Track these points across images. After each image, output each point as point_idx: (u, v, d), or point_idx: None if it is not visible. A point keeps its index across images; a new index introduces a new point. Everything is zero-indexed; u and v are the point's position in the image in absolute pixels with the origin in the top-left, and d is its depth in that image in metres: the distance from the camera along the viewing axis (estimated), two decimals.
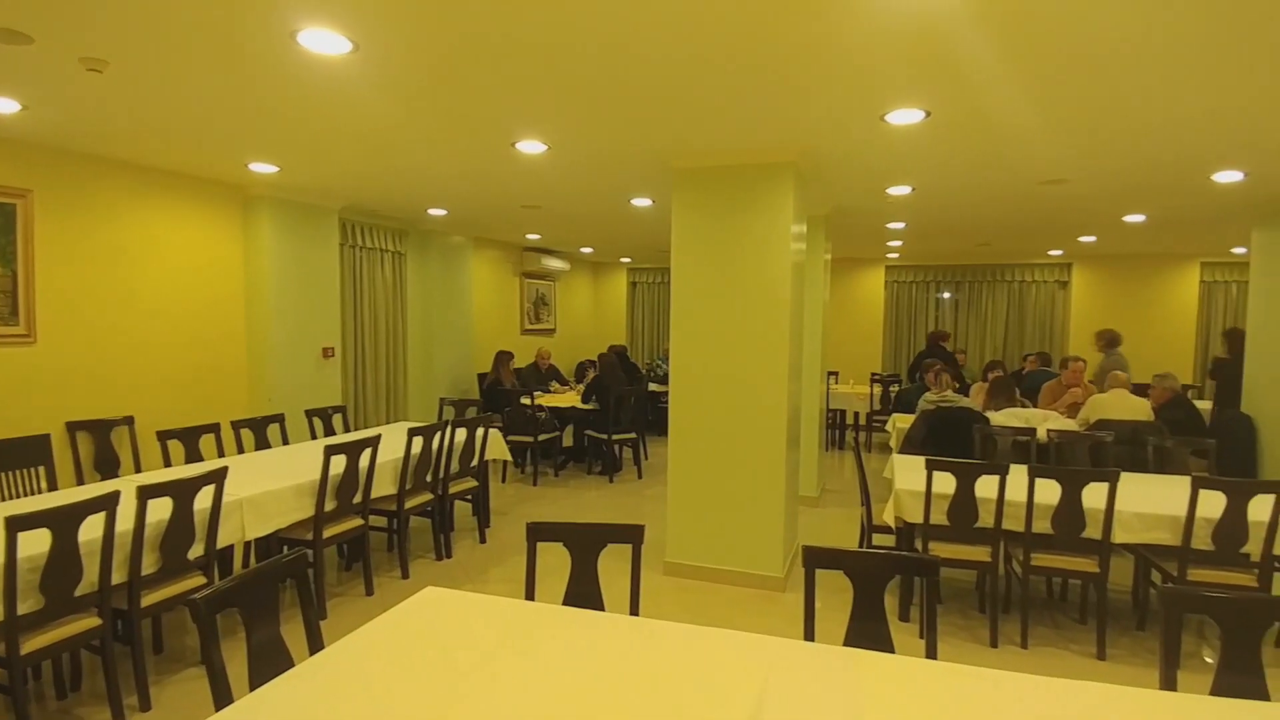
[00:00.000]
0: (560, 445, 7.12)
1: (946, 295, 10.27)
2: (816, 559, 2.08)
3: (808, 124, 3.45)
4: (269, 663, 1.72)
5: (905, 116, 3.28)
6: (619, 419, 6.63)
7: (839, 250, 9.04)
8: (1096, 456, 4.45)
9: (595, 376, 6.96)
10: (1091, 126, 3.39)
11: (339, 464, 3.62)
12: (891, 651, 1.89)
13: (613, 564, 2.49)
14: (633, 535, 2.25)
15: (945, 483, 3.41)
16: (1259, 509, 3.07)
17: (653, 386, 8.52)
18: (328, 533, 3.62)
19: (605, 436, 6.60)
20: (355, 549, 4.27)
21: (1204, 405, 6.31)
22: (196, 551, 2.96)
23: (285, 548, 3.62)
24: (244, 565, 4.03)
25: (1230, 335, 6.20)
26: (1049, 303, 9.77)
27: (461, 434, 4.61)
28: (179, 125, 3.60)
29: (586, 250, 9.96)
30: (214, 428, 4.22)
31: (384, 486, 4.04)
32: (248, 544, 3.95)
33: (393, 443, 4.37)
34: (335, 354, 5.82)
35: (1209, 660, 3.32)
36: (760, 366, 4.07)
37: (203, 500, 2.94)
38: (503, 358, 7.37)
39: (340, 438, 4.77)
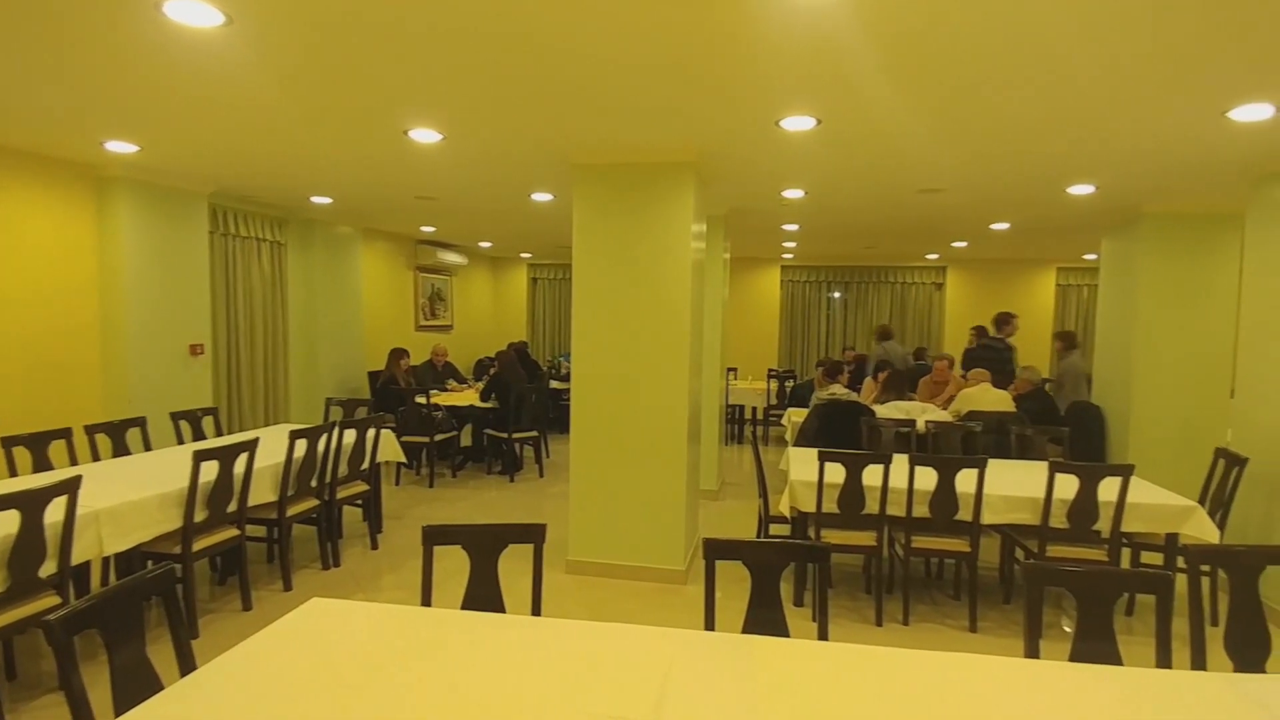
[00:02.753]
0: (458, 445, 6.92)
1: (837, 295, 10.79)
2: (716, 551, 2.12)
3: (707, 126, 3.51)
4: (135, 686, 1.58)
5: (798, 123, 3.41)
6: (520, 417, 6.52)
7: (737, 250, 9.30)
8: (967, 445, 4.80)
9: (495, 374, 6.81)
10: (965, 141, 3.64)
11: (210, 470, 3.35)
12: (787, 636, 1.95)
13: (514, 565, 2.44)
14: (534, 535, 2.21)
15: (836, 473, 3.57)
16: (1108, 490, 3.41)
17: (554, 384, 8.44)
18: (198, 545, 3.35)
19: (505, 435, 6.47)
20: (230, 561, 3.97)
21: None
22: (49, 569, 2.67)
23: (149, 562, 3.31)
24: (103, 583, 3.66)
25: (1063, 336, 6.78)
26: (927, 303, 10.47)
27: (350, 435, 4.38)
28: (18, 97, 3.21)
29: (485, 244, 9.73)
30: (65, 433, 3.80)
31: (263, 493, 3.77)
32: (107, 560, 3.60)
33: (273, 446, 4.09)
34: (205, 351, 5.38)
35: (1067, 629, 3.65)
36: (661, 363, 4.11)
37: (54, 513, 2.65)
38: (397, 355, 7.07)
39: (212, 442, 4.41)
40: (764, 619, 2.07)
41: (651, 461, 4.16)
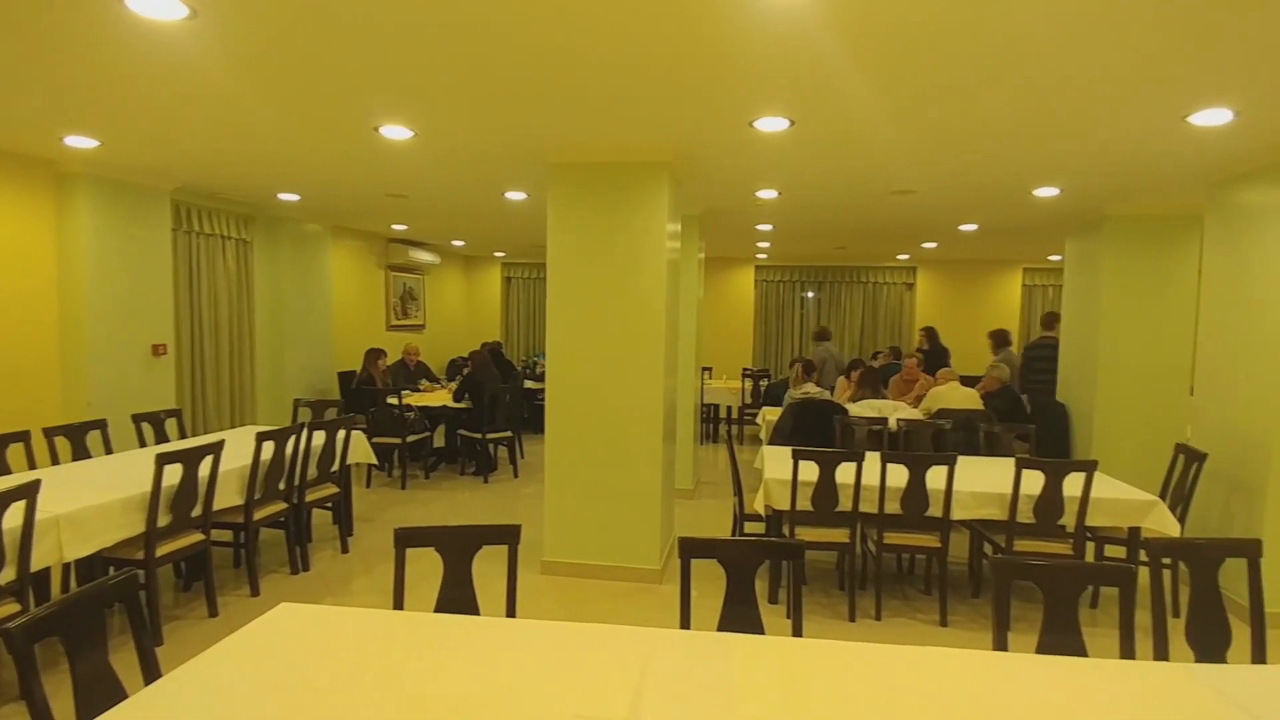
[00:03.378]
0: (431, 446, 6.85)
1: (810, 294, 10.89)
2: (691, 549, 2.13)
3: (682, 126, 3.51)
4: (98, 695, 1.54)
5: (772, 124, 3.43)
6: (494, 417, 6.47)
7: (712, 249, 9.33)
8: (937, 442, 4.88)
9: (468, 374, 6.75)
10: (934, 143, 3.69)
11: (174, 474, 3.26)
12: (762, 633, 1.96)
13: (488, 567, 2.41)
14: (508, 536, 2.19)
15: (810, 471, 3.60)
16: (1072, 485, 3.49)
17: (529, 384, 8.39)
18: (162, 550, 3.26)
19: (479, 436, 6.42)
20: (195, 567, 3.88)
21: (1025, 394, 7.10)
22: (8, 576, 2.58)
23: (111, 568, 3.22)
24: (64, 589, 3.55)
25: (996, 334, 7.28)
26: (898, 302, 10.62)
27: (320, 437, 4.31)
28: None
29: (458, 243, 9.64)
30: (23, 435, 3.68)
31: (229, 497, 3.69)
32: (67, 566, 3.49)
33: (239, 449, 4.00)
34: (168, 351, 5.26)
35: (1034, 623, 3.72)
36: (637, 363, 4.11)
37: (12, 518, 2.56)
38: (374, 355, 6.97)
39: (175, 444, 4.31)
40: (739, 616, 2.08)
41: (627, 461, 4.15)
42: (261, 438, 3.82)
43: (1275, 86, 2.73)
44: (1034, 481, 3.50)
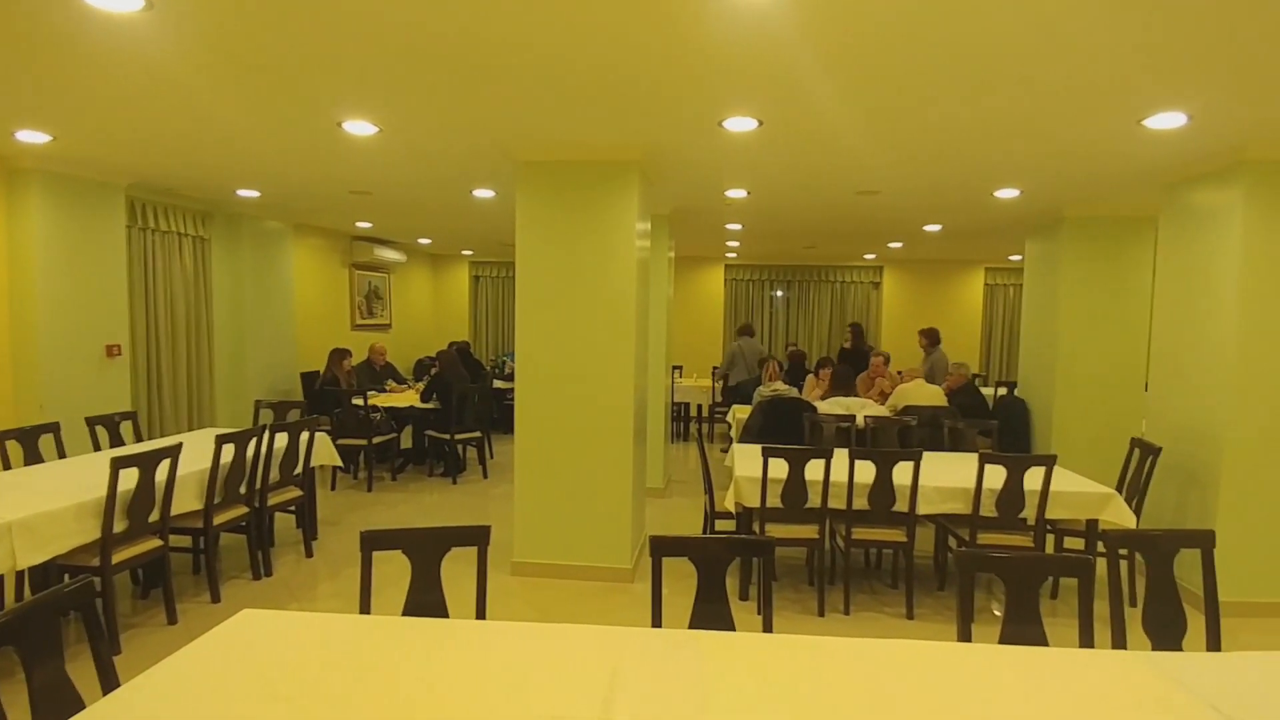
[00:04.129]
0: (398, 447, 6.75)
1: (779, 293, 10.98)
2: (662, 548, 2.13)
3: (651, 125, 3.51)
4: (55, 705, 1.50)
5: (740, 124, 3.44)
6: (462, 418, 6.40)
7: (682, 248, 9.35)
8: (904, 439, 4.96)
9: (436, 374, 6.67)
10: (900, 145, 3.75)
11: (130, 478, 3.16)
12: (733, 629, 1.97)
13: (458, 569, 2.38)
14: (478, 537, 2.16)
15: (779, 468, 3.63)
16: (1032, 480, 3.57)
17: (498, 384, 8.33)
18: (118, 557, 3.16)
19: (448, 436, 6.34)
20: (154, 573, 3.77)
21: (988, 391, 7.27)
22: None
23: (66, 576, 3.11)
24: (18, 598, 3.43)
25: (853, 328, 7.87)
26: (865, 301, 10.77)
27: (282, 439, 4.22)
28: None
29: (425, 241, 9.51)
30: None
31: (187, 501, 3.59)
32: (21, 574, 3.37)
33: (197, 452, 3.90)
34: (123, 352, 5.10)
35: (997, 613, 3.81)
36: (607, 361, 4.10)
37: None
38: (339, 355, 6.84)
39: (131, 448, 4.18)
40: (710, 614, 2.09)
41: (597, 460, 4.14)
42: (221, 440, 3.73)
43: (1227, 90, 2.83)
44: (996, 476, 3.57)
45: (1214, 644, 2.13)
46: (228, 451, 3.78)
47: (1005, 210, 5.78)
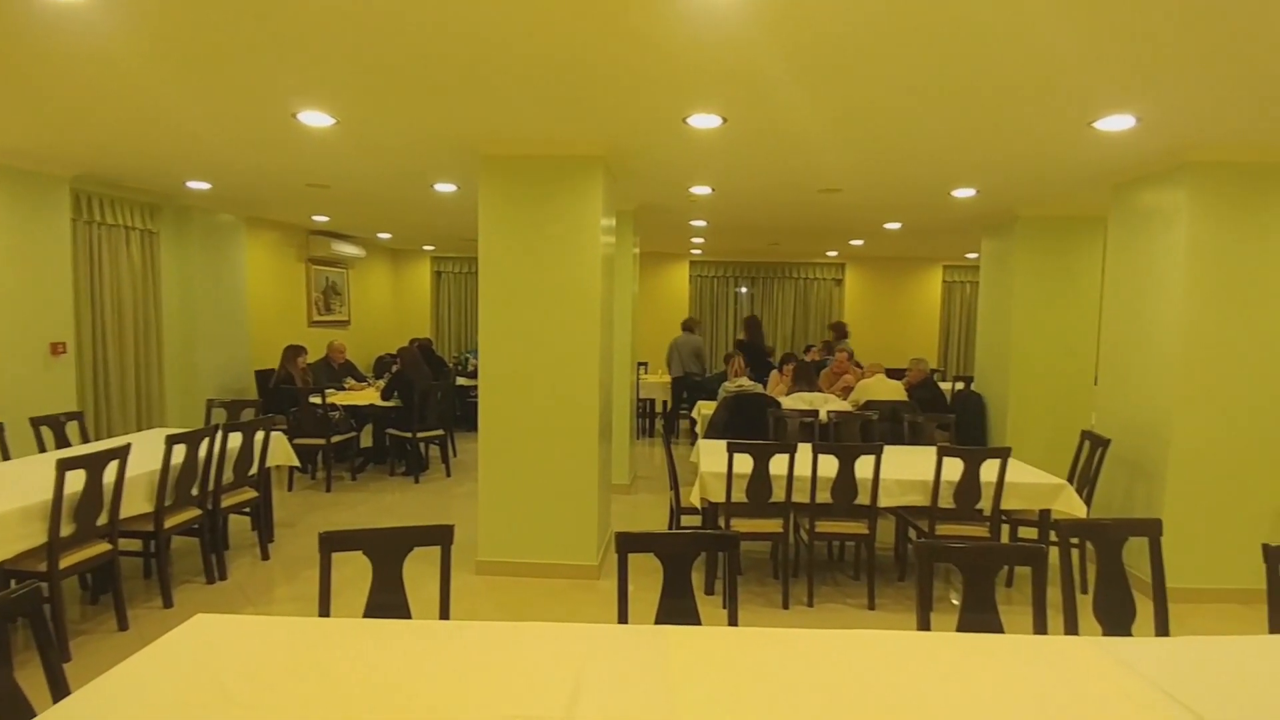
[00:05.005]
0: (357, 447, 6.62)
1: (744, 290, 11.07)
2: (628, 544, 2.12)
3: (616, 120, 3.49)
4: (6, 713, 1.45)
5: (705, 121, 3.45)
6: (424, 416, 6.31)
7: (647, 245, 9.35)
8: (865, 433, 5.04)
9: (397, 371, 6.56)
10: (861, 144, 3.80)
11: (77, 480, 3.04)
12: (699, 624, 1.98)
13: (420, 569, 2.34)
14: (441, 536, 2.13)
15: (744, 463, 3.66)
16: (988, 471, 3.66)
17: (461, 381, 8.22)
18: (65, 562, 3.04)
19: (410, 435, 6.24)
20: (103, 578, 3.63)
21: (945, 385, 7.43)
22: None
23: (13, 581, 2.98)
24: None
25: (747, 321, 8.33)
26: (827, 298, 10.92)
27: (236, 439, 4.10)
28: None
29: (385, 236, 9.33)
30: None
31: (137, 504, 3.47)
32: None
33: (147, 453, 3.76)
34: (68, 350, 4.90)
35: (955, 602, 3.90)
36: (572, 358, 4.07)
37: None
38: (293, 352, 6.66)
39: (78, 449, 4.02)
40: (676, 609, 2.09)
41: (563, 457, 4.12)
42: (172, 441, 3.61)
43: (1174, 93, 2.93)
44: (954, 469, 3.66)
45: (1162, 629, 2.21)
46: (179, 452, 3.66)
47: (962, 209, 5.91)
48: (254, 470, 4.27)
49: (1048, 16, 2.23)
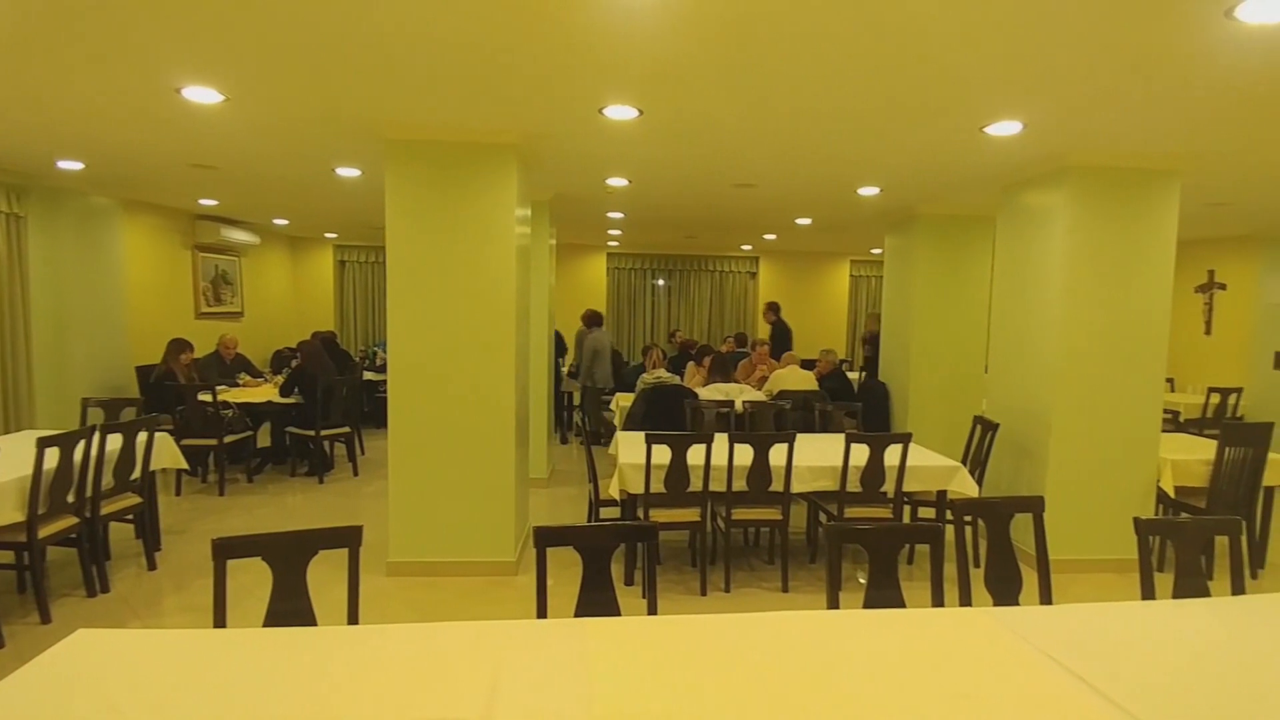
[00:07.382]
0: (254, 446, 6.25)
1: (661, 282, 11.15)
2: (547, 538, 2.09)
3: (529, 109, 3.42)
4: None
5: (620, 112, 3.44)
6: (328, 413, 6.02)
7: (564, 236, 9.27)
8: (779, 422, 5.19)
9: (298, 366, 6.22)
10: (772, 141, 3.89)
11: None
12: (618, 615, 1.98)
13: (327, 574, 2.24)
14: (348, 537, 2.03)
15: (662, 454, 3.68)
16: (892, 456, 3.84)
17: (368, 375, 7.90)
18: None
19: (312, 433, 5.95)
20: None
21: (853, 375, 7.76)
22: None
23: None
24: None
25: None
26: (742, 291, 11.16)
27: (116, 440, 3.78)
28: None
29: (281, 222, 8.81)
30: None
31: (7, 513, 3.15)
32: None
33: (16, 457, 3.42)
34: None
35: (862, 580, 4.08)
36: (486, 350, 3.98)
37: None
38: (177, 348, 6.18)
39: None
40: (596, 601, 2.08)
41: (478, 452, 4.02)
42: (43, 444, 3.29)
43: (1057, 101, 3.15)
44: (860, 454, 3.82)
45: (1046, 598, 2.38)
46: (51, 456, 3.34)
47: (867, 206, 6.17)
48: (136, 474, 3.95)
49: (944, 26, 2.34)
